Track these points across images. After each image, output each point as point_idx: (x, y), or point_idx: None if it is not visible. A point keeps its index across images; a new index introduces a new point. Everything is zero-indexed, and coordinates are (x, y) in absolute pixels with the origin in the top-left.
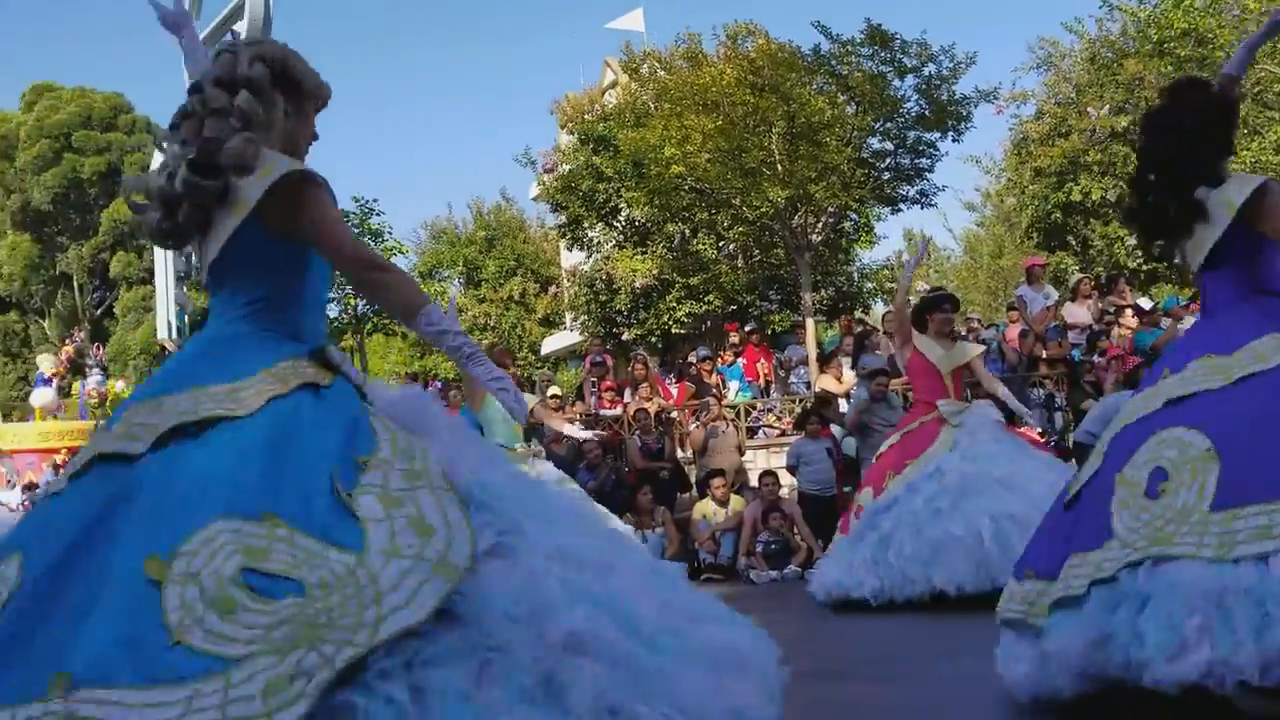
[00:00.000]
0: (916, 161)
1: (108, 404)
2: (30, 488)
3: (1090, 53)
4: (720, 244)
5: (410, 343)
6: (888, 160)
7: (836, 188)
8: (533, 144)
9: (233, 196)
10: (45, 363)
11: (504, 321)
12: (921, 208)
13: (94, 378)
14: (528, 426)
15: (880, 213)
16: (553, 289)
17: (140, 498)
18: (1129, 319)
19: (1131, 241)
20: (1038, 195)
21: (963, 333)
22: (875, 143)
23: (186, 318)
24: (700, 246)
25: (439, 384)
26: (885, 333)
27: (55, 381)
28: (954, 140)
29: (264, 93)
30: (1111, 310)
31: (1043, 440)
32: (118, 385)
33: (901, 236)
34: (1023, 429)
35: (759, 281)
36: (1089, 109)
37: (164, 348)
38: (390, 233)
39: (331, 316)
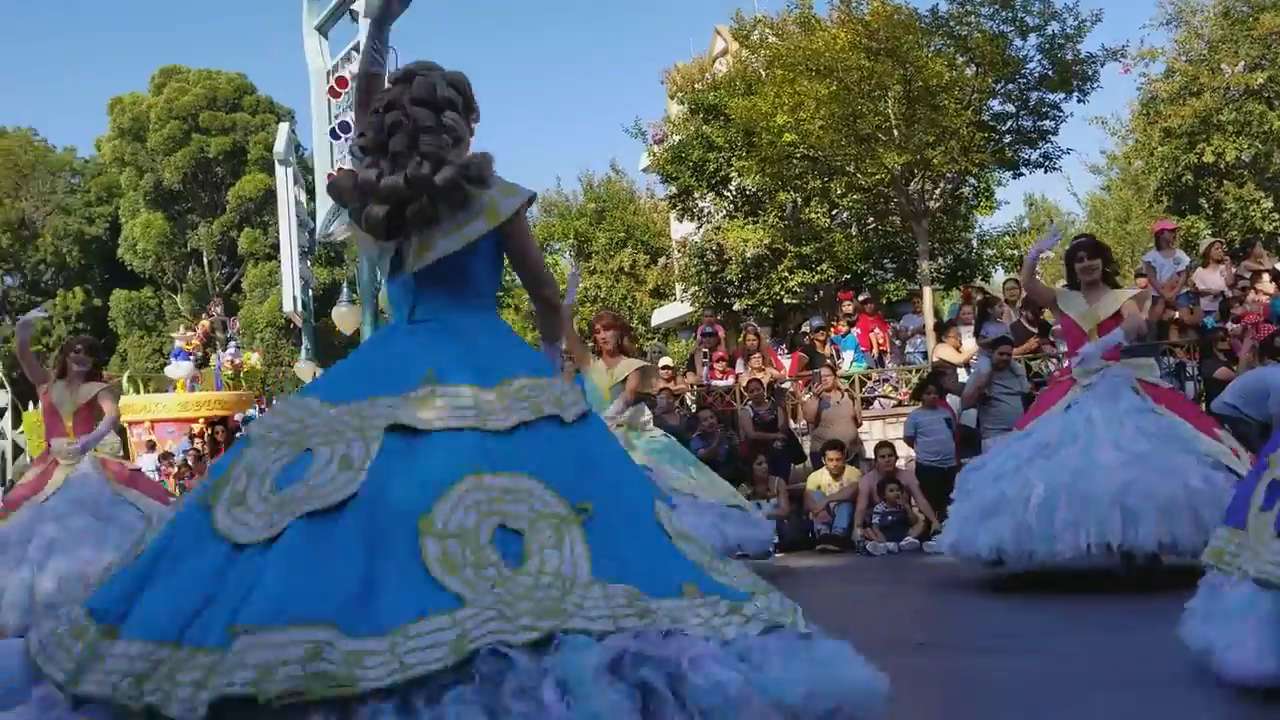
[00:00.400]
0: (1039, 124)
1: (242, 375)
2: (166, 457)
3: (1223, 7)
4: (834, 212)
5: (523, 315)
6: (1009, 123)
7: (955, 152)
8: (642, 115)
9: (476, 204)
10: (183, 337)
11: (614, 293)
12: (1045, 172)
13: (231, 350)
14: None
15: (1001, 177)
16: (663, 260)
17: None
18: (1265, 284)
19: (1268, 204)
20: (1167, 157)
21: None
22: (996, 105)
23: (310, 292)
24: (813, 215)
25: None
26: (1007, 300)
27: (192, 354)
28: (1079, 101)
29: (461, 113)
30: (1246, 276)
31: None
32: (253, 357)
33: (1023, 202)
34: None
35: (874, 250)
36: (1222, 66)
37: (290, 321)
38: None
39: None
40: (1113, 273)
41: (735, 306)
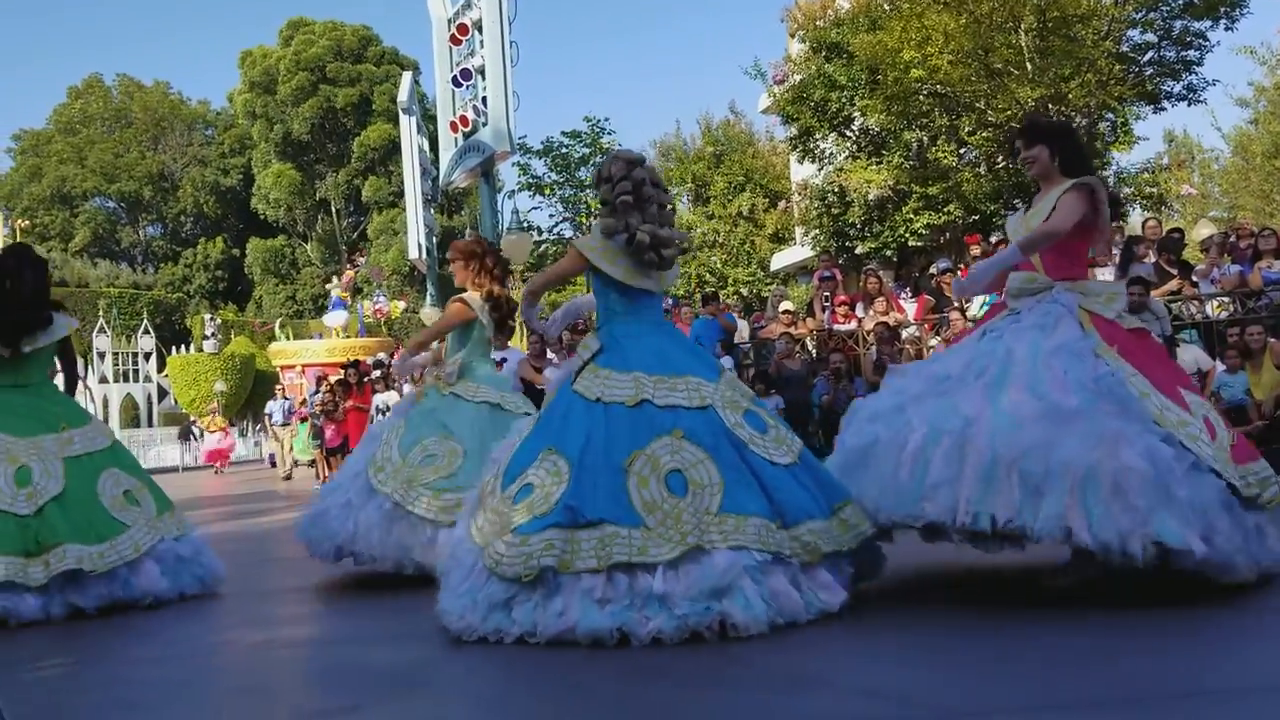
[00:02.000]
0: (1183, 54)
1: (384, 323)
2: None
3: None
4: (962, 151)
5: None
6: (1150, 54)
7: (1092, 85)
8: (762, 55)
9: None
10: (343, 286)
11: (732, 238)
12: (1188, 104)
13: (379, 299)
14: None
15: (1140, 112)
16: (782, 204)
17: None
18: None
19: None
20: None
21: (1232, 238)
22: (1136, 35)
23: (434, 238)
24: (940, 154)
25: (671, 300)
26: (1148, 240)
27: (348, 304)
28: (1226, 29)
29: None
30: None
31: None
32: (400, 305)
33: (1162, 137)
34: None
35: (1003, 189)
36: None
37: (414, 267)
38: None
39: (567, 235)
40: (1076, 162)
41: (857, 250)
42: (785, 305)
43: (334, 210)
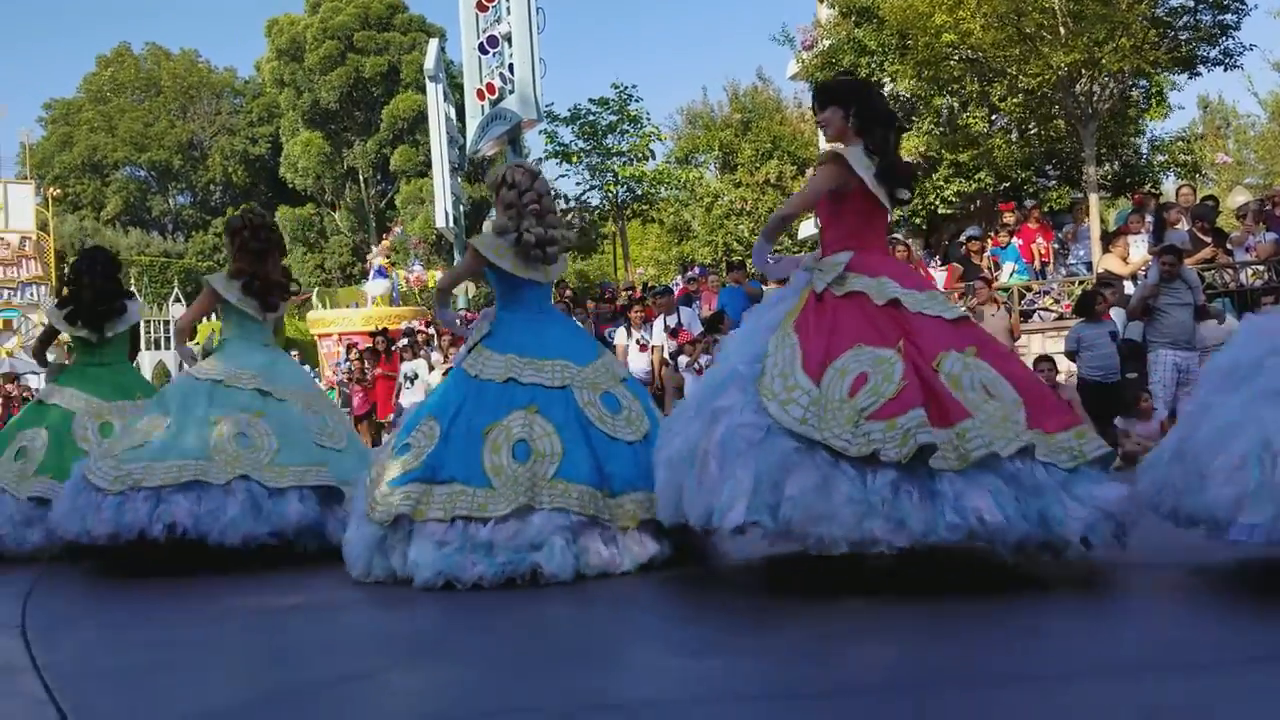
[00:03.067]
0: (1220, 18)
1: (419, 292)
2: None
3: None
4: (993, 117)
5: (668, 228)
6: (1185, 18)
7: (1127, 50)
8: (790, 20)
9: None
10: (383, 253)
11: (760, 205)
12: (1225, 69)
13: (416, 267)
14: None
15: (1175, 80)
16: (810, 171)
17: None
18: None
19: None
20: None
21: (1268, 205)
22: None
23: (461, 207)
24: (971, 120)
25: (698, 269)
26: (1180, 208)
27: (389, 273)
28: None
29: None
30: None
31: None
32: (436, 275)
33: (1196, 103)
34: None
35: (1035, 156)
36: None
37: (441, 235)
38: (648, 118)
39: (594, 204)
40: (873, 122)
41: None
42: None
43: (362, 179)
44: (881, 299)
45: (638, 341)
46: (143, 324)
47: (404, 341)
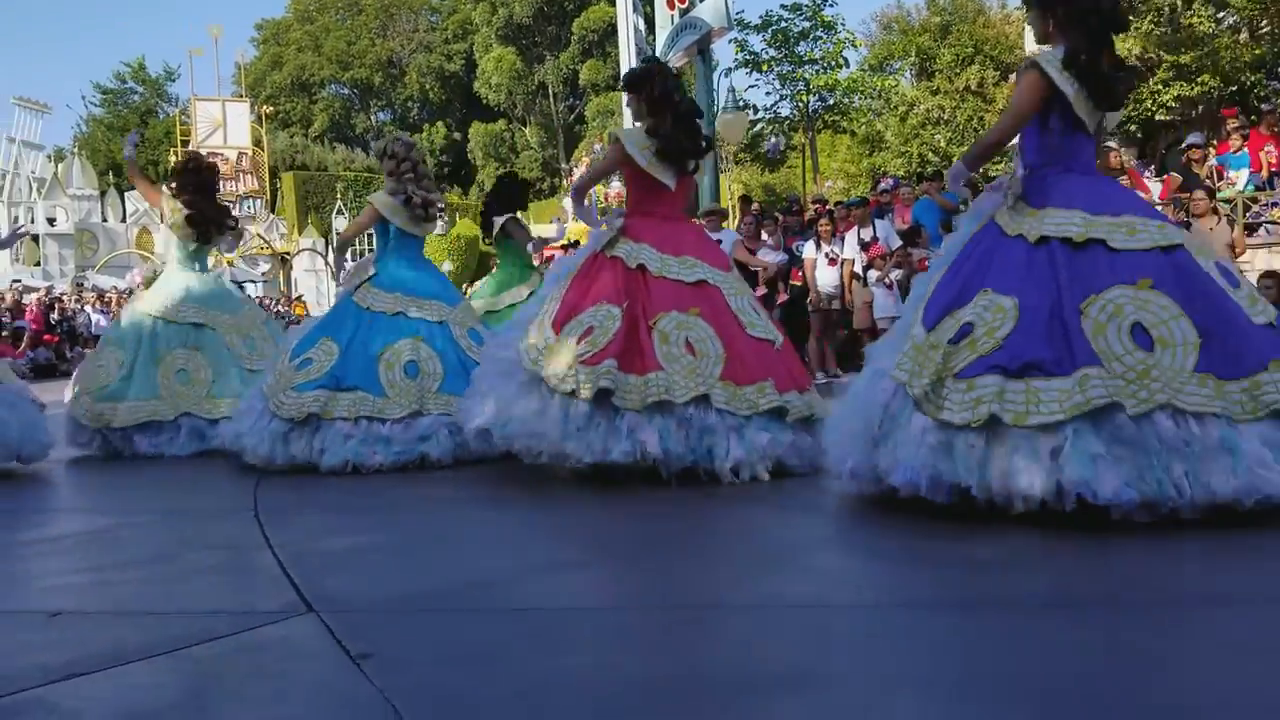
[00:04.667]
0: None
1: (618, 207)
2: None
3: None
4: (1219, 15)
5: (860, 140)
6: None
7: None
8: None
9: None
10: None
11: (960, 114)
12: None
13: (615, 184)
14: None
15: None
16: (1015, 76)
17: None
18: None
19: None
20: None
21: None
22: None
23: None
24: (1195, 19)
25: (890, 180)
26: None
27: None
28: None
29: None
30: None
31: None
32: None
33: None
34: None
35: (1267, 57)
36: None
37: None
38: (842, 24)
39: (784, 114)
40: (656, 106)
41: None
42: None
43: (552, 94)
44: (633, 263)
45: (827, 255)
46: None
47: None
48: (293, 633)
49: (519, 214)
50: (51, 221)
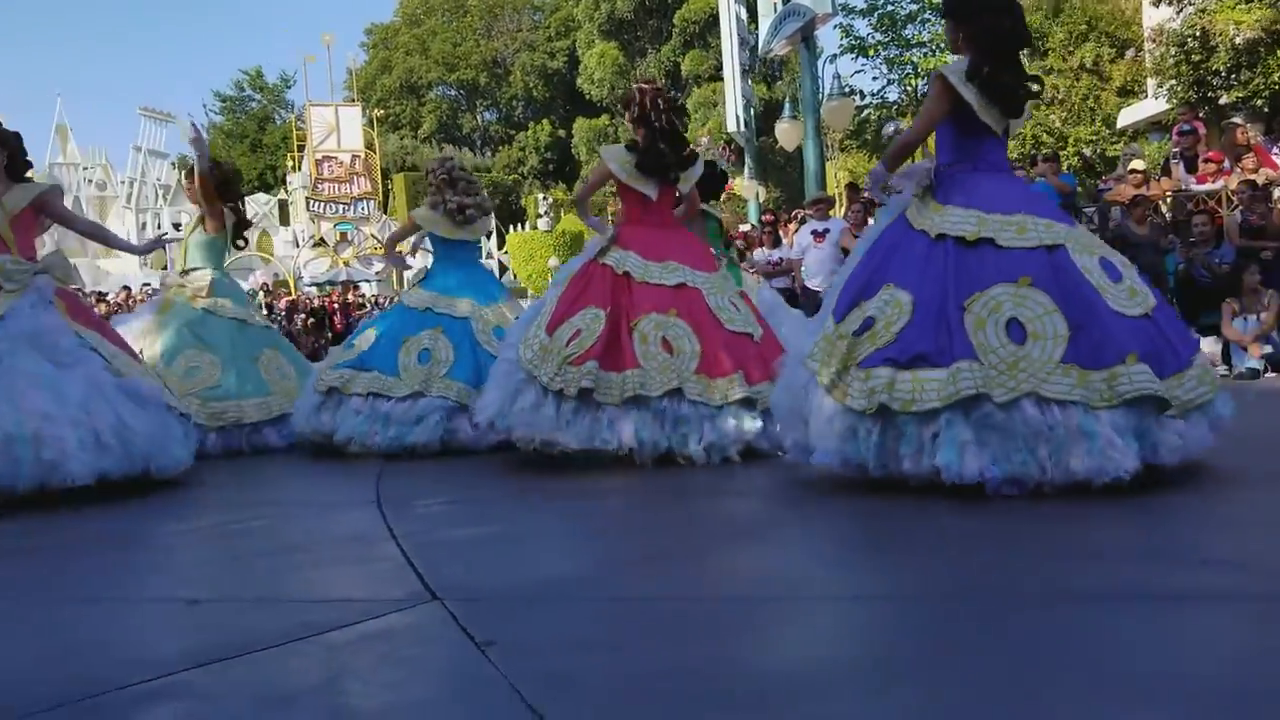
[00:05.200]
0: None
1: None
2: None
3: None
4: None
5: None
6: None
7: None
8: None
9: None
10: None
11: (1074, 94)
12: None
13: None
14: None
15: None
16: (1132, 53)
17: None
18: None
19: None
20: None
21: None
22: None
23: (751, 110)
24: None
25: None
26: None
27: None
28: None
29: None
30: None
31: None
32: (742, 181)
33: None
34: None
35: None
36: None
37: (731, 139)
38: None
39: (891, 99)
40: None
41: (1221, 100)
42: (1136, 164)
43: None
44: (619, 270)
45: None
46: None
47: None
48: (419, 620)
49: (711, 204)
50: (177, 226)
